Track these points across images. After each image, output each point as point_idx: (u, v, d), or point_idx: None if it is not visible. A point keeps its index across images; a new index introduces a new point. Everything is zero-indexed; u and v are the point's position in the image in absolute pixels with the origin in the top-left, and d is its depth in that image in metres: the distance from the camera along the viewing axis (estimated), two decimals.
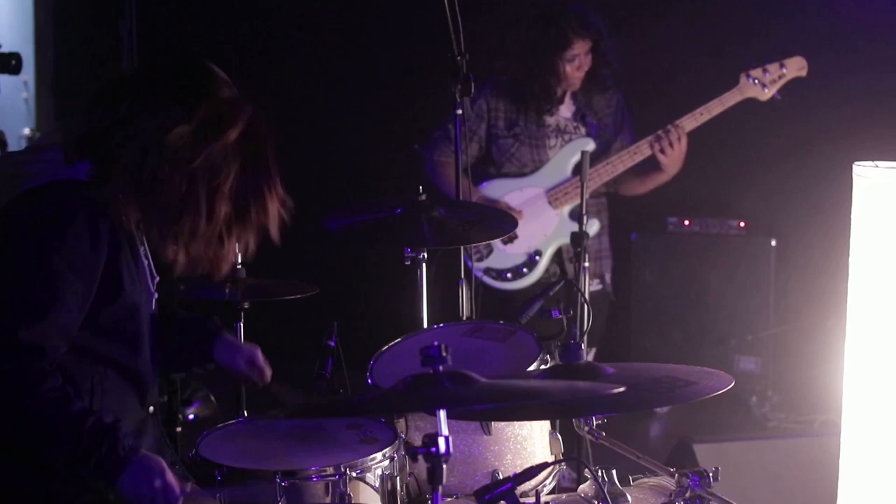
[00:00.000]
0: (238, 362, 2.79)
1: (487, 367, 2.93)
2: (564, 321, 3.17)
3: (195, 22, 6.22)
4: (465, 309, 3.73)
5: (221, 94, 2.43)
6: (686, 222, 5.83)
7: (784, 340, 5.61)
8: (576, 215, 4.42)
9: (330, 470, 2.71)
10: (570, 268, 4.56)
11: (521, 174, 4.56)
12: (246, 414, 3.43)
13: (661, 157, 4.46)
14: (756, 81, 4.55)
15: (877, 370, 2.60)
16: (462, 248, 3.98)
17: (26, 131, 6.65)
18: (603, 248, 4.69)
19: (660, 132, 4.47)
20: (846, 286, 2.65)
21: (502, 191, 4.56)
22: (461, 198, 3.86)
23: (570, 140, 4.54)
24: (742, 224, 5.73)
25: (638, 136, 4.58)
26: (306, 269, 4.11)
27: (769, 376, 5.63)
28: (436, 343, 2.02)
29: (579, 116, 4.58)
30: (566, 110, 4.57)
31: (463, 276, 3.78)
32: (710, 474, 2.52)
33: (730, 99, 4.55)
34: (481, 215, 3.65)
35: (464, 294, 3.74)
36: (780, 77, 4.56)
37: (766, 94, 4.57)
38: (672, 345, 5.71)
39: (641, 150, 4.49)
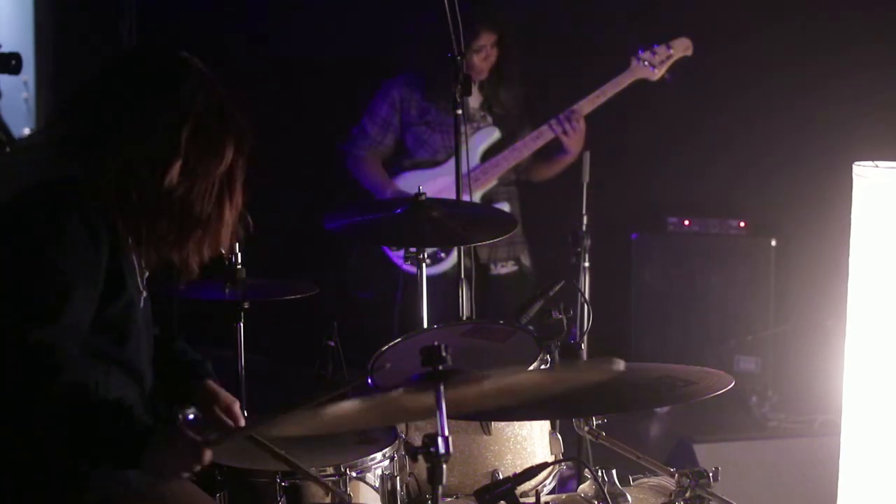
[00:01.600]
0: (213, 410, 2.71)
1: (487, 367, 2.93)
2: (564, 321, 3.17)
3: (195, 22, 6.22)
4: (465, 309, 3.73)
5: (201, 97, 2.42)
6: (686, 222, 5.83)
7: (784, 340, 5.61)
8: (487, 200, 4.72)
9: (330, 470, 2.71)
10: (481, 252, 4.73)
11: (435, 163, 4.72)
12: (246, 414, 3.42)
13: (564, 138, 4.62)
14: (645, 63, 4.66)
15: (877, 370, 2.60)
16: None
17: (26, 131, 6.65)
18: (515, 233, 4.74)
19: (560, 116, 4.63)
20: (846, 286, 2.65)
21: (416, 181, 4.54)
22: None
23: (479, 128, 4.72)
24: (742, 224, 5.73)
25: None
26: (306, 269, 4.11)
27: (769, 376, 5.63)
28: (436, 343, 2.02)
29: (486, 107, 4.76)
30: (474, 101, 4.74)
31: (463, 275, 3.78)
32: (710, 474, 2.52)
33: (622, 80, 4.67)
34: (481, 215, 3.66)
35: (464, 294, 3.74)
36: (667, 57, 4.66)
37: (656, 74, 4.67)
38: (672, 345, 5.70)
39: (543, 135, 4.66)
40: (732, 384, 2.42)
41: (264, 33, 6.36)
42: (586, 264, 3.81)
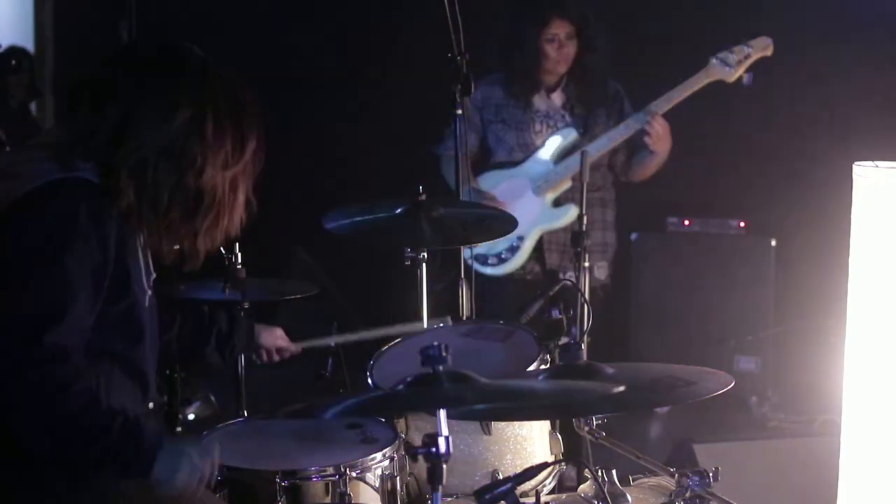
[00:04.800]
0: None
1: (487, 367, 2.93)
2: (564, 321, 3.17)
3: (195, 22, 6.22)
4: (465, 309, 3.73)
5: (216, 91, 2.42)
6: (686, 222, 5.83)
7: (784, 340, 5.61)
8: (558, 202, 4.65)
9: (330, 470, 2.72)
10: (548, 258, 4.69)
11: (512, 163, 4.67)
12: (246, 414, 3.43)
13: (646, 138, 4.52)
14: (722, 62, 4.54)
15: (877, 370, 2.60)
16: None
17: None
18: (595, 242, 4.68)
19: (635, 116, 4.56)
20: (846, 286, 2.65)
21: (493, 181, 4.69)
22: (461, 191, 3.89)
23: (556, 128, 4.65)
24: (742, 224, 5.73)
25: None
26: (306, 269, 4.11)
27: (769, 376, 5.63)
28: (436, 343, 2.02)
29: (568, 107, 4.68)
30: (557, 98, 4.67)
31: (463, 275, 3.78)
32: (710, 474, 2.53)
33: (697, 81, 4.55)
34: (481, 215, 3.66)
35: (464, 294, 3.74)
36: (745, 57, 4.54)
37: (733, 74, 4.54)
38: (672, 345, 5.70)
39: (615, 137, 4.55)
40: (732, 384, 2.42)
41: (266, 33, 6.36)
42: (586, 264, 3.80)
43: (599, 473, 2.61)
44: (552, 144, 4.65)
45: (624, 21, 5.49)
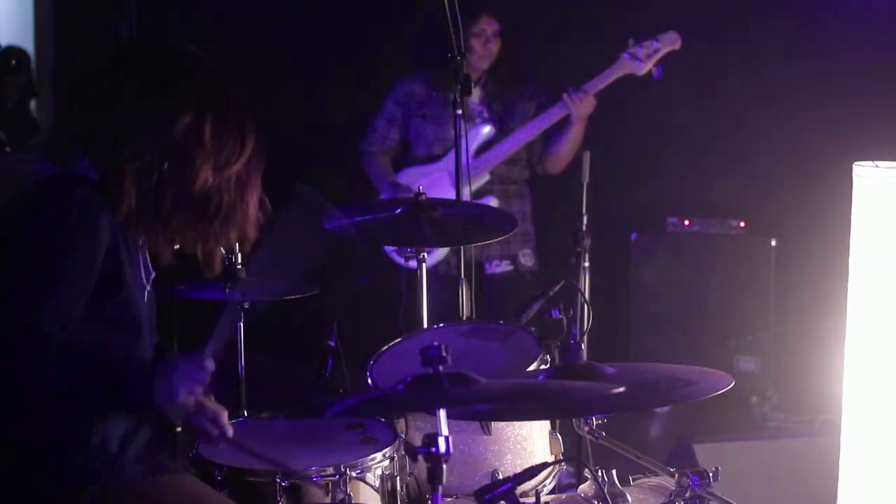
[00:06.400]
0: (200, 420, 2.64)
1: (487, 367, 2.93)
2: (564, 321, 3.17)
3: (195, 22, 6.22)
4: (465, 309, 3.73)
5: (214, 92, 2.42)
6: (686, 222, 5.82)
7: (784, 340, 5.60)
8: (478, 196, 4.62)
9: (330, 470, 2.72)
10: (466, 249, 4.62)
11: (432, 157, 4.70)
12: (246, 414, 3.43)
13: (569, 104, 4.53)
14: (632, 57, 4.56)
15: (877, 370, 2.60)
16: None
17: None
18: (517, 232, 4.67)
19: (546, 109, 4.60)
20: (846, 286, 2.65)
21: (413, 175, 4.69)
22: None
23: (474, 123, 4.64)
24: (742, 224, 5.73)
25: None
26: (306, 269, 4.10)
27: (769, 376, 5.63)
28: (436, 343, 2.02)
29: (486, 102, 4.69)
30: (476, 94, 4.65)
31: (463, 275, 3.79)
32: (710, 474, 2.53)
33: (609, 75, 4.58)
34: (481, 216, 3.66)
35: (464, 294, 3.74)
36: (654, 52, 4.55)
37: (643, 69, 4.55)
38: (672, 345, 5.70)
39: (534, 126, 4.60)
40: (732, 384, 2.42)
41: (265, 33, 6.36)
42: (586, 264, 3.80)
43: (599, 473, 2.61)
44: (470, 140, 4.56)
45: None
